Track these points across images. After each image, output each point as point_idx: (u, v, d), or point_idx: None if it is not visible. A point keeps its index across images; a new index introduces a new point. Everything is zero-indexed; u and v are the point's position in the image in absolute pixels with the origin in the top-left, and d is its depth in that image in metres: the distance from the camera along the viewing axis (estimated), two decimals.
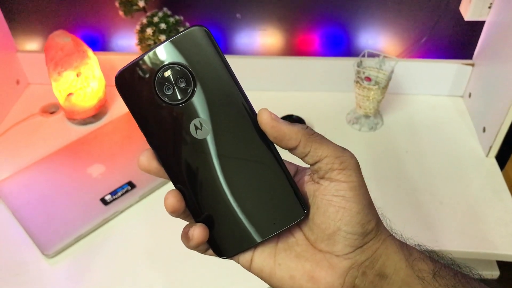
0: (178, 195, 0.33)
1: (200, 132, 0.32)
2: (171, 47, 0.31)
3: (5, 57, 0.99)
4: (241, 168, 0.33)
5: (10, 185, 0.81)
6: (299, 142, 0.32)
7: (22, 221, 0.75)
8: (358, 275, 0.33)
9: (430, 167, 0.85)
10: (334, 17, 0.98)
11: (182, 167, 0.33)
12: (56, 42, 0.89)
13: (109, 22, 1.01)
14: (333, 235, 0.33)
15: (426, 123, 0.94)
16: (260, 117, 0.32)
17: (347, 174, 0.33)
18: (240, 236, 0.34)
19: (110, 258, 0.72)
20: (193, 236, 0.33)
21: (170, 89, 0.32)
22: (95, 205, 0.77)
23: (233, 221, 0.34)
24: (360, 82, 0.88)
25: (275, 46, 1.03)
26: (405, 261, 0.34)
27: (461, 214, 0.76)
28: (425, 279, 0.33)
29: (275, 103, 1.00)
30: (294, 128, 0.32)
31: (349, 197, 0.32)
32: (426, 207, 0.78)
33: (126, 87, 0.32)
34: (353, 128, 0.93)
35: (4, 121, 0.97)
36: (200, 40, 0.31)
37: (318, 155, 0.33)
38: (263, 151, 0.33)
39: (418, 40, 0.98)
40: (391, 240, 0.34)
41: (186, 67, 0.31)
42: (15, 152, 0.90)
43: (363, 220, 0.33)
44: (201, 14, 1.00)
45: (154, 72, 0.31)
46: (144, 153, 0.33)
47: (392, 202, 0.79)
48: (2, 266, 0.71)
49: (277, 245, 0.35)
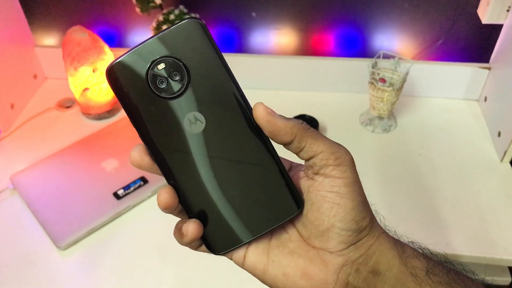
0: (171, 191, 0.32)
1: (194, 126, 0.32)
2: (165, 40, 0.30)
3: (23, 51, 1.01)
4: (236, 163, 0.32)
5: (25, 177, 0.82)
6: (294, 137, 0.32)
7: (36, 213, 0.76)
8: (351, 272, 0.33)
9: (443, 171, 0.84)
10: (350, 18, 0.98)
11: (175, 162, 0.32)
12: (73, 37, 0.90)
13: (125, 18, 1.02)
14: (327, 231, 0.32)
15: (440, 126, 0.94)
16: (256, 111, 0.32)
17: (342, 170, 0.32)
18: (234, 232, 0.34)
19: (122, 252, 0.73)
20: (187, 232, 0.32)
21: (163, 83, 0.31)
22: (107, 199, 0.78)
23: (227, 217, 0.33)
24: (375, 83, 0.88)
25: (290, 46, 1.03)
26: (398, 258, 0.34)
27: (473, 218, 0.76)
28: (418, 276, 0.33)
29: (288, 102, 1.00)
30: (289, 122, 0.32)
31: (343, 193, 0.32)
32: (438, 210, 0.77)
33: (118, 80, 0.31)
34: (366, 129, 0.93)
35: (21, 115, 0.99)
36: (195, 33, 0.31)
37: (313, 150, 0.32)
38: (258, 146, 0.32)
39: (434, 42, 0.97)
40: (384, 237, 0.34)
41: (180, 60, 0.31)
42: (31, 145, 0.92)
43: (358, 217, 0.32)
44: (216, 12, 1.00)
45: (148, 65, 0.31)
46: (136, 148, 0.32)
47: (403, 205, 0.78)
48: (15, 256, 0.72)
49: (271, 241, 0.35)
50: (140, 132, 0.32)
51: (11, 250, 0.73)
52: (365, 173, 0.84)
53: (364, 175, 0.85)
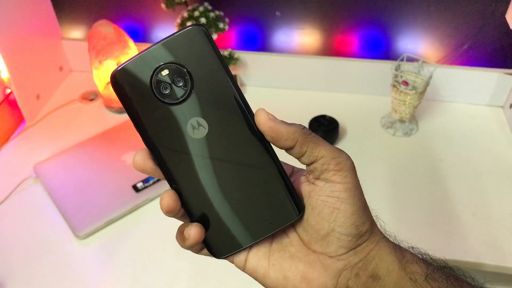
0: (174, 195, 0.33)
1: (197, 131, 0.32)
2: (168, 46, 0.31)
3: (50, 43, 1.03)
4: (238, 168, 0.33)
5: (48, 166, 0.84)
6: (296, 142, 0.32)
7: (57, 202, 0.78)
8: (351, 277, 0.33)
9: (464, 177, 0.83)
10: (375, 19, 0.97)
11: (178, 167, 0.33)
12: (99, 31, 0.91)
13: (151, 14, 1.04)
14: (327, 236, 0.33)
15: (463, 132, 0.92)
16: (258, 117, 0.32)
17: (342, 175, 0.32)
18: (235, 237, 0.34)
19: (138, 244, 0.74)
20: (189, 235, 0.33)
21: (167, 88, 0.31)
22: (127, 191, 0.79)
23: (229, 221, 0.34)
24: (397, 86, 0.87)
25: (313, 46, 1.03)
26: (398, 263, 0.34)
27: (494, 227, 0.74)
28: (417, 281, 0.33)
29: (309, 102, 0.99)
30: (291, 128, 0.32)
31: (344, 198, 0.32)
32: (457, 217, 0.76)
33: (122, 86, 0.31)
34: (387, 132, 0.92)
35: (46, 106, 1.01)
36: (198, 40, 0.31)
37: (315, 155, 0.32)
38: (260, 151, 0.33)
39: (460, 46, 0.96)
40: (384, 242, 0.34)
41: (184, 66, 0.31)
42: (55, 136, 0.94)
43: (358, 222, 0.32)
44: (241, 10, 1.01)
45: (152, 71, 0.31)
46: (139, 152, 0.33)
47: (421, 209, 0.77)
48: (35, 243, 0.74)
49: (272, 245, 0.35)
50: (144, 137, 0.33)
51: (31, 237, 0.75)
52: (384, 176, 0.83)
53: (383, 178, 0.85)
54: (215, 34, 0.92)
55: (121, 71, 0.31)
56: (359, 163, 0.90)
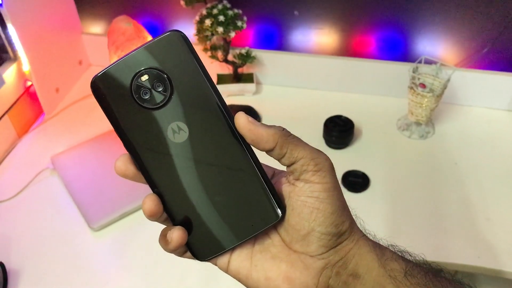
0: (156, 199, 0.33)
1: (178, 135, 0.32)
2: (148, 52, 0.31)
3: (71, 38, 1.05)
4: (219, 171, 0.33)
5: (65, 159, 0.85)
6: (276, 144, 0.32)
7: (73, 194, 0.79)
8: (332, 275, 0.34)
9: (480, 182, 0.82)
10: (393, 21, 0.96)
11: (159, 171, 0.33)
12: (118, 26, 0.92)
13: (170, 11, 1.04)
14: (307, 235, 0.33)
15: (480, 136, 0.91)
16: (238, 120, 0.32)
17: (321, 176, 0.33)
18: (218, 239, 0.34)
19: (151, 238, 0.74)
20: (172, 239, 0.33)
21: (147, 94, 0.32)
22: (141, 185, 0.79)
23: (211, 224, 0.34)
24: (414, 88, 0.86)
25: (330, 46, 1.02)
26: (377, 261, 0.34)
27: (508, 233, 0.73)
28: (397, 278, 0.34)
29: (325, 102, 0.99)
30: (271, 130, 0.32)
31: (323, 198, 0.33)
32: (472, 222, 0.75)
33: (102, 92, 0.32)
34: (403, 134, 0.92)
35: (64, 99, 1.02)
36: (177, 45, 0.31)
37: (294, 156, 0.33)
38: (240, 154, 0.33)
39: (479, 50, 0.95)
40: (364, 240, 0.35)
41: (163, 71, 0.31)
42: (72, 129, 0.95)
43: (337, 221, 0.33)
44: (259, 8, 1.01)
45: (131, 76, 0.31)
46: (120, 158, 0.33)
47: (435, 213, 0.77)
48: (50, 233, 0.75)
49: (254, 247, 0.35)
50: (125, 142, 0.33)
51: (46, 227, 0.76)
52: (398, 178, 0.82)
53: (397, 180, 0.84)
54: (233, 32, 0.92)
55: (101, 76, 0.31)
56: (374, 164, 0.90)
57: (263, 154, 0.34)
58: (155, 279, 0.70)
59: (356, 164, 0.84)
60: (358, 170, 0.83)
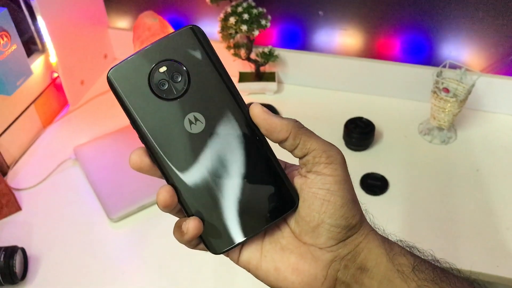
0: (171, 191, 0.33)
1: (195, 126, 0.33)
2: (165, 45, 0.32)
3: (97, 31, 1.06)
4: (235, 162, 0.33)
5: (87, 150, 0.87)
6: (289, 134, 0.33)
7: (94, 185, 0.81)
8: (340, 268, 0.34)
9: (501, 190, 0.81)
10: (419, 24, 0.95)
11: (175, 163, 0.33)
12: (144, 21, 0.94)
13: (195, 8, 1.05)
14: (317, 227, 0.33)
15: (503, 144, 0.90)
16: (252, 110, 0.33)
17: (333, 168, 0.33)
18: (234, 231, 0.34)
19: (169, 231, 0.74)
20: (188, 229, 0.32)
21: (165, 85, 0.32)
22: (160, 180, 0.80)
23: (227, 215, 0.34)
24: (438, 92, 0.85)
25: (354, 47, 1.02)
26: (386, 255, 0.34)
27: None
28: (405, 273, 0.34)
29: (347, 104, 0.99)
30: (284, 120, 0.33)
31: (333, 190, 0.33)
32: (492, 230, 0.74)
33: (119, 84, 0.32)
34: (424, 139, 0.91)
35: (89, 91, 1.04)
36: (194, 38, 0.32)
37: (307, 148, 0.33)
38: (256, 144, 0.33)
39: (506, 56, 0.93)
40: (373, 235, 0.35)
41: (181, 63, 0.32)
42: (95, 121, 0.97)
43: (347, 214, 0.33)
44: (284, 8, 1.01)
45: (150, 68, 0.32)
46: (135, 151, 0.33)
47: (453, 219, 0.76)
48: (70, 223, 0.77)
49: (264, 238, 0.35)
50: (141, 134, 0.33)
51: (67, 216, 0.78)
52: (418, 182, 0.82)
53: (417, 185, 0.83)
54: (257, 30, 0.92)
55: (117, 69, 0.32)
56: (393, 168, 0.89)
57: (276, 147, 0.34)
58: (170, 271, 0.71)
59: (376, 167, 0.84)
60: (377, 173, 0.82)
